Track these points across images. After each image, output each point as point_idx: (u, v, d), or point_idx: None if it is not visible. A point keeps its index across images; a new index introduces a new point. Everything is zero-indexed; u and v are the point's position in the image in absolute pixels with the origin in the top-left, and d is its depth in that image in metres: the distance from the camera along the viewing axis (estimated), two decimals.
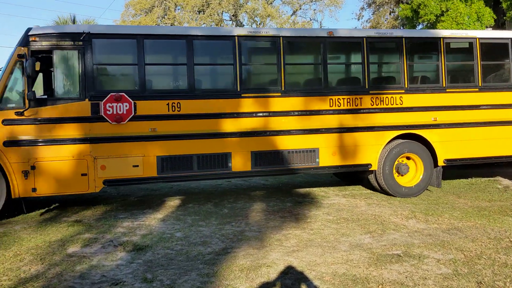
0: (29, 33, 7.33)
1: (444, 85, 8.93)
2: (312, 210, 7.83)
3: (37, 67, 7.21)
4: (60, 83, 7.66)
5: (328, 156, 8.45)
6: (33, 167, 7.24)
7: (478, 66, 9.09)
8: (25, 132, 7.27)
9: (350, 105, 8.49)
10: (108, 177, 7.58)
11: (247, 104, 8.08)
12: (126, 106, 7.53)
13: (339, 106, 8.44)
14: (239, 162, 8.08)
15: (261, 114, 8.14)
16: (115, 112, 7.49)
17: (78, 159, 7.43)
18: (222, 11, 35.31)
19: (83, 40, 7.47)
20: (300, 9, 37.43)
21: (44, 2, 59.11)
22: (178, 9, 35.51)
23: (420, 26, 25.07)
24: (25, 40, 7.31)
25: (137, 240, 6.17)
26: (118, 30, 8.16)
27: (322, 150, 8.41)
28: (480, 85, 9.09)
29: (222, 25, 35.38)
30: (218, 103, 8.01)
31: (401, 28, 28.06)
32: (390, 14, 30.48)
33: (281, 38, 8.26)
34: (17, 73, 7.43)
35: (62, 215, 7.72)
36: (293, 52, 8.58)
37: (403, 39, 8.79)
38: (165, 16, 34.65)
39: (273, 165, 8.25)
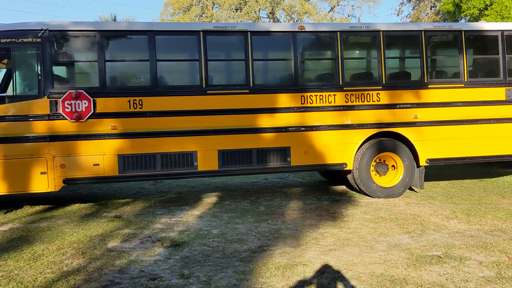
0: None
1: (426, 81, 8.51)
2: (349, 209, 7.74)
3: None
4: (19, 80, 7.57)
5: (300, 155, 8.19)
6: None
7: (464, 60, 8.59)
8: None
9: (322, 102, 8.20)
10: (68, 176, 7.51)
11: (212, 101, 7.91)
12: (85, 103, 7.42)
13: (311, 104, 8.17)
14: (206, 161, 7.92)
15: (228, 112, 7.94)
16: (74, 110, 7.38)
17: (37, 157, 7.37)
18: (259, 9, 35.33)
19: (41, 37, 7.37)
20: (338, 5, 36.99)
21: (86, 2, 60.78)
22: (216, 7, 35.78)
23: (463, 21, 24.32)
24: None
25: (174, 236, 6.27)
26: (77, 27, 7.87)
27: (294, 149, 8.16)
28: (466, 80, 8.62)
29: (259, 23, 35.40)
30: (182, 100, 7.86)
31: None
32: (431, 8, 29.71)
33: (249, 33, 8.01)
34: None
35: (102, 210, 7.93)
36: (261, 48, 8.38)
37: (381, 32, 8.41)
38: (203, 15, 34.99)
39: (241, 164, 8.04)
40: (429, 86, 8.50)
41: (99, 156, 7.57)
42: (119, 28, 8.32)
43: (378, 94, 8.35)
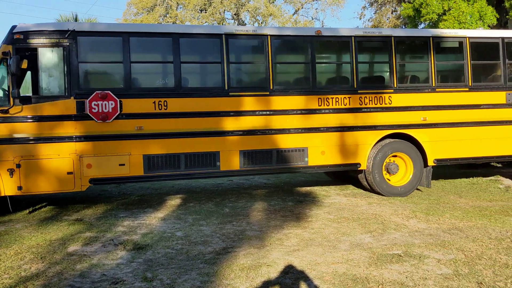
0: (14, 31, 7.27)
1: (434, 85, 8.88)
2: (313, 209, 7.83)
3: (23, 65, 7.12)
4: (45, 81, 7.58)
5: (317, 155, 8.41)
6: (18, 165, 7.20)
7: (469, 65, 9.00)
8: (10, 130, 7.22)
9: (338, 105, 8.45)
10: (94, 176, 7.53)
11: (234, 102, 8.04)
12: (111, 104, 7.48)
13: (327, 106, 8.42)
14: (228, 161, 8.04)
15: (250, 113, 8.11)
16: (100, 110, 7.43)
17: (64, 157, 7.39)
18: (224, 10, 35.29)
19: (68, 38, 7.39)
20: (302, 8, 37.40)
21: (46, 0, 59.16)
22: (180, 7, 35.49)
23: (422, 25, 25.02)
24: (10, 38, 7.24)
25: (137, 239, 6.18)
26: (103, 28, 8.05)
27: (311, 149, 8.37)
28: (470, 84, 9.02)
29: (224, 24, 35.36)
30: (205, 102, 7.94)
31: (403, 27, 28.00)
32: (392, 13, 30.44)
33: (268, 36, 8.21)
34: (2, 71, 7.41)
35: (63, 214, 7.73)
36: (280, 51, 8.57)
37: (392, 38, 8.74)
38: (167, 15, 34.65)
39: (261, 164, 8.20)
40: (436, 90, 8.88)
41: (125, 156, 7.63)
42: (145, 30, 8.35)
43: (390, 97, 8.68)
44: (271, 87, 8.20)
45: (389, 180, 8.90)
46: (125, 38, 7.64)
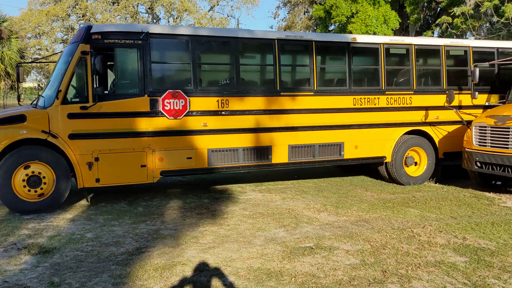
0: (92, 31, 7.63)
1: (444, 87, 10.04)
2: (229, 206, 7.88)
3: (107, 64, 7.71)
4: (121, 80, 8.15)
5: (351, 149, 9.42)
6: (96, 159, 7.62)
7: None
8: (90, 125, 7.63)
9: (369, 104, 9.51)
10: (164, 168, 8.09)
11: (284, 102, 8.84)
12: (182, 102, 8.08)
13: (360, 105, 9.44)
14: (278, 155, 8.84)
15: (297, 111, 8.93)
16: (172, 108, 8.00)
17: (138, 151, 7.89)
18: (138, 3, 34.29)
19: (142, 39, 7.84)
20: (218, 5, 37.40)
21: None
22: None
23: (332, 27, 26.08)
24: (88, 38, 7.58)
25: (43, 242, 5.83)
26: (173, 31, 8.67)
27: (346, 144, 9.36)
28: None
29: (138, 17, 34.37)
30: (260, 101, 8.69)
31: (315, 28, 29.00)
32: (304, 14, 31.39)
33: (313, 42, 9.04)
34: (80, 69, 7.66)
35: None
36: (323, 55, 9.58)
37: (413, 46, 9.85)
38: (76, 6, 32.94)
39: (305, 157, 9.06)
40: (447, 92, 9.85)
41: (192, 150, 8.24)
42: (209, 34, 8.90)
43: (410, 98, 9.80)
44: (315, 88, 9.01)
45: (407, 171, 9.96)
46: (192, 40, 8.26)
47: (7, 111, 8.26)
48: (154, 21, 35.28)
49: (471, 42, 10.48)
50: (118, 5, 33.25)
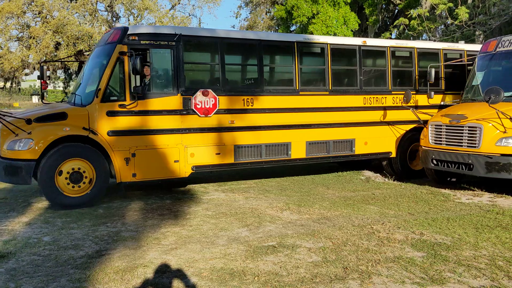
0: (129, 32, 8.00)
1: (443, 88, 10.77)
2: (191, 206, 7.83)
3: (146, 64, 8.01)
4: (156, 79, 8.38)
5: (361, 145, 10.03)
6: (133, 155, 7.99)
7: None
8: (127, 123, 7.98)
9: (377, 103, 10.15)
10: (195, 164, 8.53)
11: (303, 100, 9.39)
12: (212, 101, 8.53)
13: (370, 104, 10.07)
14: (297, 150, 9.39)
15: (314, 110, 9.50)
16: (203, 106, 8.46)
17: (172, 147, 8.31)
18: (97, 1, 33.54)
19: (175, 41, 8.25)
20: (179, 3, 37.07)
21: None
22: None
23: (294, 27, 26.31)
24: (125, 39, 7.94)
25: None
26: (204, 33, 9.00)
27: (357, 140, 9.97)
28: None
29: (96, 15, 33.62)
30: (282, 100, 9.22)
31: (277, 28, 29.17)
32: (266, 14, 31.53)
33: (328, 45, 9.63)
34: (118, 69, 7.95)
35: None
36: (336, 57, 9.92)
37: (415, 49, 10.50)
38: (32, 3, 31.87)
39: (321, 152, 9.67)
40: (445, 92, 10.74)
41: (220, 146, 8.73)
42: (236, 36, 9.38)
43: (413, 97, 10.40)
44: (330, 88, 9.61)
45: (410, 165, 10.65)
46: (221, 42, 8.74)
47: (43, 109, 8.37)
48: (114, 19, 34.60)
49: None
50: (76, 2, 32.41)
